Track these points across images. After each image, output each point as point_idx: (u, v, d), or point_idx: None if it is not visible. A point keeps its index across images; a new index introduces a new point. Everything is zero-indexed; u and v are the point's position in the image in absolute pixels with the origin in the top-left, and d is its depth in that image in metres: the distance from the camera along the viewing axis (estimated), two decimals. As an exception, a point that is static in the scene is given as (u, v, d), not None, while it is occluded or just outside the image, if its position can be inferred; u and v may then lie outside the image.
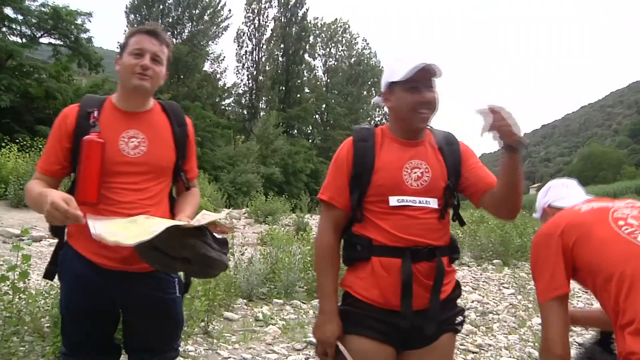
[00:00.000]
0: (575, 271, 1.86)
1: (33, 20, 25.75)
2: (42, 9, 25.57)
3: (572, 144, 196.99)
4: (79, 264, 2.08)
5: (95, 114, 2.11)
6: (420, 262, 1.99)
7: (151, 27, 2.17)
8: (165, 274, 2.19)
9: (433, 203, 2.03)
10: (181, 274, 2.27)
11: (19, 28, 26.31)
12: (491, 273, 10.23)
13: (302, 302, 6.47)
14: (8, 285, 3.46)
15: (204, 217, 2.01)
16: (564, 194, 2.29)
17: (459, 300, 2.19)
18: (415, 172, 2.03)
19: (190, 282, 2.39)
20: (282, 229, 12.09)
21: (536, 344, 4.69)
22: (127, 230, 1.88)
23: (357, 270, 2.06)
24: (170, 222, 1.91)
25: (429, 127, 2.17)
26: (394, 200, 2.00)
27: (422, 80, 1.99)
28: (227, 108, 49.12)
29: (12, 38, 25.94)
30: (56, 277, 2.20)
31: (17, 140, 13.70)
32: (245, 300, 6.14)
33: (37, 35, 26.58)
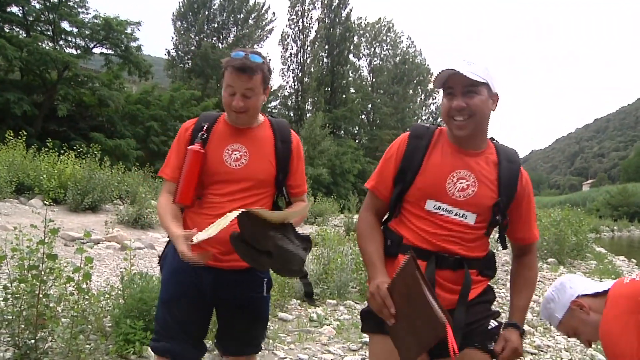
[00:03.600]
0: None
1: (86, 32, 26.85)
2: (95, 20, 26.56)
3: (628, 137, 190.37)
4: (176, 259, 2.23)
5: (206, 127, 2.34)
6: (445, 270, 1.97)
7: (239, 63, 2.18)
8: (255, 273, 2.36)
9: (470, 218, 1.98)
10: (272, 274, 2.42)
11: (73, 40, 27.44)
12: (546, 272, 9.99)
13: (356, 303, 6.46)
14: (73, 286, 3.59)
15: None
16: (588, 281, 2.14)
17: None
18: (460, 183, 1.98)
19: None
20: (332, 229, 12.10)
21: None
22: (217, 225, 2.04)
23: (385, 266, 2.02)
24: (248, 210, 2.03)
25: (492, 141, 2.11)
26: (430, 205, 2.00)
27: (457, 85, 1.92)
28: (273, 110, 49.45)
29: (68, 50, 27.03)
30: None
31: (74, 148, 14.12)
32: (298, 301, 6.17)
33: (90, 46, 27.59)
